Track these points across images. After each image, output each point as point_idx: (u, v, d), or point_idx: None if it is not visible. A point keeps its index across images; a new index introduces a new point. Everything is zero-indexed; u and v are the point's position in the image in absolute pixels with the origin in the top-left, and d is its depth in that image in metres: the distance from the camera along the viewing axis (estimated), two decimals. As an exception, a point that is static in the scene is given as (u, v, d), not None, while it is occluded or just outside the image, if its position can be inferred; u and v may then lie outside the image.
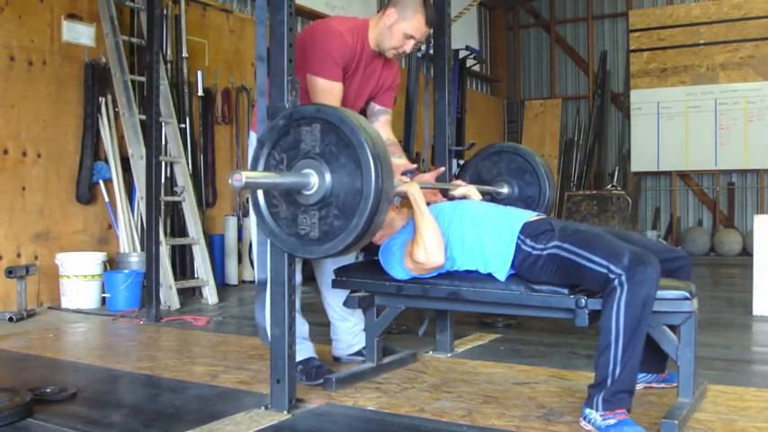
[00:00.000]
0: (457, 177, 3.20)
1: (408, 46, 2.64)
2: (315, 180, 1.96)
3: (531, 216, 2.38)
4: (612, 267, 1.99)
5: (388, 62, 2.77)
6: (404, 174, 2.63)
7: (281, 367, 2.20)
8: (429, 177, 2.81)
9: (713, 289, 5.84)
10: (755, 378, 2.80)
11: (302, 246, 2.04)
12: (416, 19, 2.58)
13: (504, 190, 3.10)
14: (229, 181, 1.81)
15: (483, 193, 2.91)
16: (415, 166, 2.80)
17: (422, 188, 2.46)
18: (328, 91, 2.50)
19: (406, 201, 2.42)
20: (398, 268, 2.42)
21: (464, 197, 2.81)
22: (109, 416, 2.25)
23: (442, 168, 2.97)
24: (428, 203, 2.46)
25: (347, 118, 1.93)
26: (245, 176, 1.82)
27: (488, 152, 3.20)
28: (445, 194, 2.90)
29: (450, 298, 2.43)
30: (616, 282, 1.97)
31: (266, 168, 2.06)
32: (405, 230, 2.47)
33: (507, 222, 2.33)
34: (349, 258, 2.73)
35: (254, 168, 2.07)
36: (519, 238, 2.26)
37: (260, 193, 2.09)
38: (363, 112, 2.82)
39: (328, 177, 1.95)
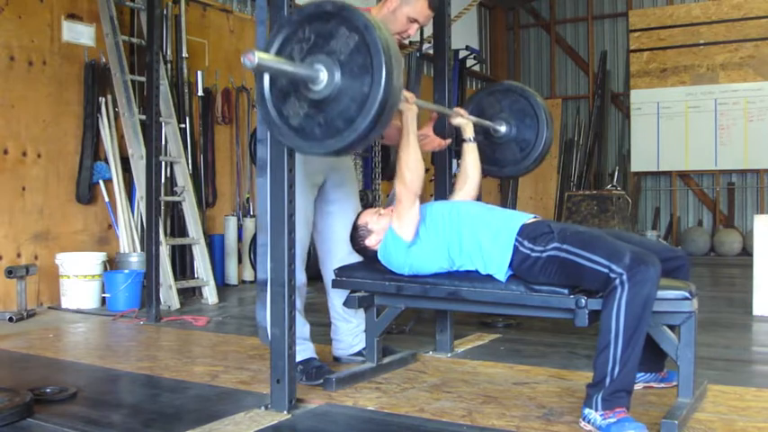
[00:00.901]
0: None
1: (413, 30, 2.64)
2: (324, 76, 1.92)
3: (529, 218, 2.38)
4: (614, 267, 1.99)
5: None
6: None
7: (281, 367, 2.20)
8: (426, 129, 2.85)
9: (713, 289, 5.84)
10: (755, 378, 2.80)
11: (302, 140, 2.01)
12: (419, 2, 2.58)
13: (503, 128, 3.07)
14: (243, 59, 1.77)
15: (481, 128, 2.90)
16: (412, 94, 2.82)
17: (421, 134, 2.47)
18: None
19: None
20: (390, 244, 2.41)
21: (459, 128, 2.84)
22: (109, 416, 2.25)
23: (435, 114, 2.99)
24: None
25: (361, 15, 1.90)
26: (257, 56, 1.78)
27: (495, 88, 3.17)
28: (438, 132, 2.91)
29: (450, 298, 2.43)
30: (617, 281, 1.97)
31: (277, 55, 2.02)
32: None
33: (505, 224, 2.33)
34: (355, 258, 2.73)
35: (267, 48, 2.03)
36: (517, 239, 2.26)
37: (266, 81, 2.06)
38: None
39: (338, 75, 1.92)
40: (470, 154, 2.81)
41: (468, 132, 2.83)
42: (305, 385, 2.49)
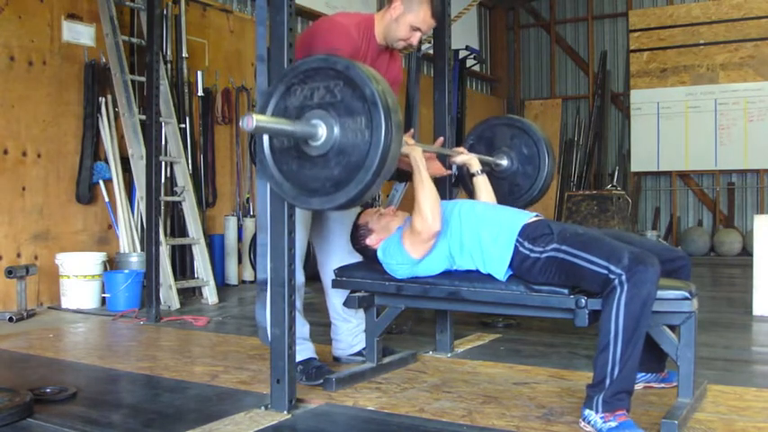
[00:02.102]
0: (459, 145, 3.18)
1: (415, 38, 2.64)
2: (323, 131, 1.93)
3: (530, 217, 2.38)
4: (612, 268, 1.99)
5: (392, 57, 2.78)
6: None
7: (281, 367, 2.20)
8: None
9: (713, 289, 5.84)
10: (755, 378, 2.80)
11: (303, 197, 2.01)
12: (422, 11, 2.59)
13: (504, 162, 3.08)
14: (240, 123, 1.80)
15: (482, 163, 2.91)
16: (411, 130, 2.82)
17: (424, 152, 2.47)
18: None
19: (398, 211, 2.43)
20: (397, 258, 2.41)
21: (464, 165, 2.83)
22: (109, 416, 2.25)
23: (441, 139, 3.00)
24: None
25: (359, 69, 1.90)
26: (255, 119, 1.79)
27: (494, 122, 3.18)
28: (443, 161, 2.92)
29: (450, 298, 2.43)
30: (616, 282, 1.97)
31: (280, 102, 2.03)
32: (400, 229, 2.48)
33: (506, 224, 2.34)
34: (356, 257, 2.73)
35: (268, 98, 2.04)
36: (517, 240, 2.26)
37: (266, 140, 2.07)
38: None
39: (336, 129, 1.92)
40: (483, 188, 2.79)
41: (476, 166, 2.82)
42: (305, 385, 2.49)
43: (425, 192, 2.34)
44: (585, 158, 9.86)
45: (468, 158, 2.83)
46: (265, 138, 2.06)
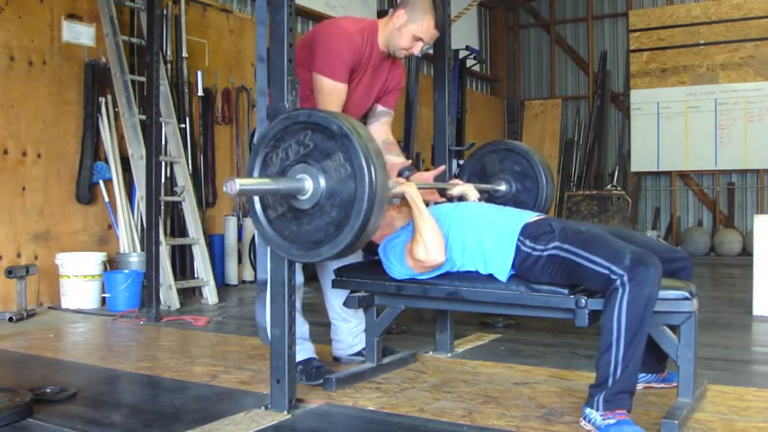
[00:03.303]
0: (456, 176, 3.20)
1: (417, 48, 2.64)
2: (309, 185, 1.95)
3: (532, 216, 2.37)
4: (614, 268, 1.99)
5: (394, 64, 2.78)
6: (400, 173, 2.64)
7: (281, 367, 2.20)
8: (428, 177, 2.82)
9: (713, 289, 5.84)
10: (755, 378, 2.80)
11: (298, 250, 2.03)
12: (426, 21, 2.58)
13: (502, 188, 3.10)
14: (224, 189, 1.83)
15: (481, 191, 2.91)
16: (410, 161, 2.81)
17: (420, 188, 2.47)
18: (332, 92, 2.50)
19: (405, 201, 2.42)
20: (398, 266, 2.42)
21: (462, 196, 2.82)
22: (109, 416, 2.25)
23: (443, 167, 2.98)
24: (427, 204, 2.46)
25: (339, 122, 1.92)
26: (238, 183, 1.82)
27: (487, 149, 3.20)
28: (443, 194, 2.90)
29: (450, 298, 2.43)
30: (618, 282, 1.97)
31: (262, 173, 2.06)
32: (405, 230, 2.48)
33: (507, 223, 2.33)
34: (355, 257, 2.73)
35: (250, 173, 2.07)
36: (519, 239, 2.26)
37: (260, 211, 2.09)
38: (366, 113, 2.83)
39: (323, 181, 1.95)
40: None
41: (473, 196, 2.81)
42: (305, 385, 2.49)
43: (426, 225, 2.33)
44: (585, 158, 9.86)
45: (464, 189, 2.83)
46: (259, 208, 2.08)
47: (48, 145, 4.61)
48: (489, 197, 3.07)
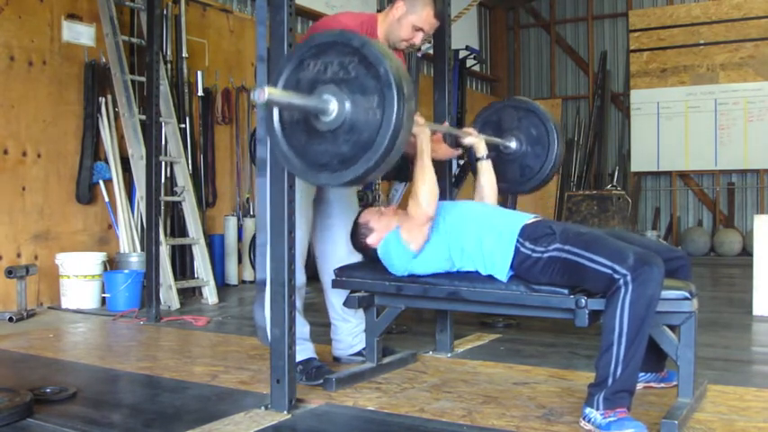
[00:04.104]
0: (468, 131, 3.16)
1: (418, 38, 2.65)
2: (334, 106, 1.91)
3: (530, 218, 2.38)
4: (617, 268, 1.99)
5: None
6: None
7: (281, 367, 2.20)
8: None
9: (713, 289, 5.84)
10: (755, 378, 2.80)
11: (312, 172, 2.00)
12: (425, 11, 2.59)
13: (513, 144, 3.06)
14: (252, 95, 1.78)
15: (491, 146, 2.90)
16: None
17: (432, 137, 2.47)
18: None
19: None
20: (395, 250, 2.41)
21: (471, 147, 2.82)
22: (109, 416, 2.25)
23: (446, 123, 2.99)
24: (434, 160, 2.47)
25: (375, 47, 1.89)
26: (267, 92, 1.77)
27: (504, 105, 3.16)
28: (451, 143, 2.93)
29: (450, 298, 2.43)
30: (621, 281, 1.97)
31: (292, 75, 2.00)
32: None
33: (506, 224, 2.34)
34: (355, 258, 2.73)
35: (281, 72, 2.02)
36: (518, 240, 2.26)
37: (275, 114, 2.06)
38: None
39: (348, 106, 1.91)
40: (486, 173, 2.79)
41: (482, 151, 2.81)
42: (305, 385, 2.49)
43: (425, 176, 2.34)
44: (585, 158, 9.86)
45: (475, 141, 2.82)
46: (275, 111, 2.05)
47: (48, 145, 4.61)
48: (498, 153, 3.03)
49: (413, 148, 2.46)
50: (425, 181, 2.34)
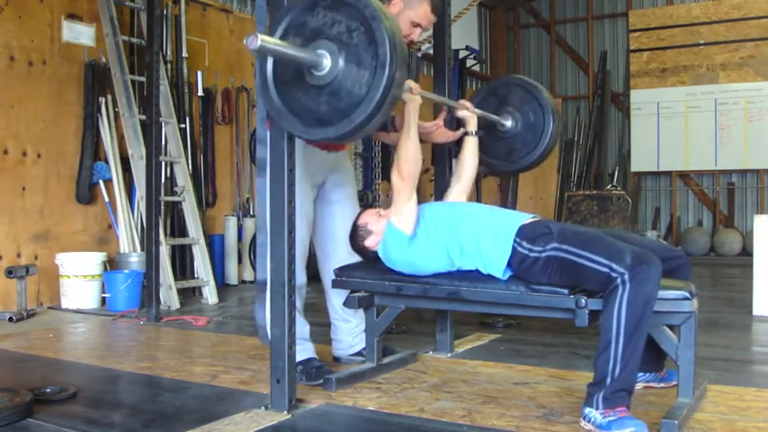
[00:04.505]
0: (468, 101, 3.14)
1: (416, 34, 2.65)
2: (327, 62, 1.93)
3: (528, 218, 2.38)
4: (615, 266, 1.99)
5: None
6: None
7: (281, 367, 2.20)
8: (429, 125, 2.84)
9: (713, 289, 5.84)
10: (755, 378, 2.80)
11: (303, 126, 2.01)
12: (422, 7, 2.59)
13: (509, 123, 3.06)
14: (245, 42, 1.77)
15: (487, 121, 2.89)
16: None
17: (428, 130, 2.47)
18: None
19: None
20: (390, 240, 2.41)
21: (462, 119, 2.83)
22: (109, 416, 2.25)
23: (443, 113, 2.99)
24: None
25: (369, 3, 1.90)
26: (260, 39, 1.77)
27: (503, 82, 3.18)
28: (450, 126, 2.92)
29: (450, 298, 2.42)
30: (618, 280, 1.97)
31: (291, 27, 2.01)
32: None
33: (503, 224, 2.33)
34: (357, 258, 2.73)
35: (279, 22, 2.04)
36: (515, 240, 2.26)
37: (269, 65, 2.06)
38: None
39: (341, 62, 1.92)
40: (470, 147, 2.80)
41: (471, 125, 2.82)
42: (305, 385, 2.49)
43: (407, 145, 2.35)
44: (585, 158, 9.86)
45: (468, 115, 2.82)
46: (269, 62, 2.05)
47: (48, 145, 4.61)
48: (494, 130, 3.03)
49: (400, 117, 2.46)
50: (408, 149, 2.35)
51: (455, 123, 2.98)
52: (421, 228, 2.42)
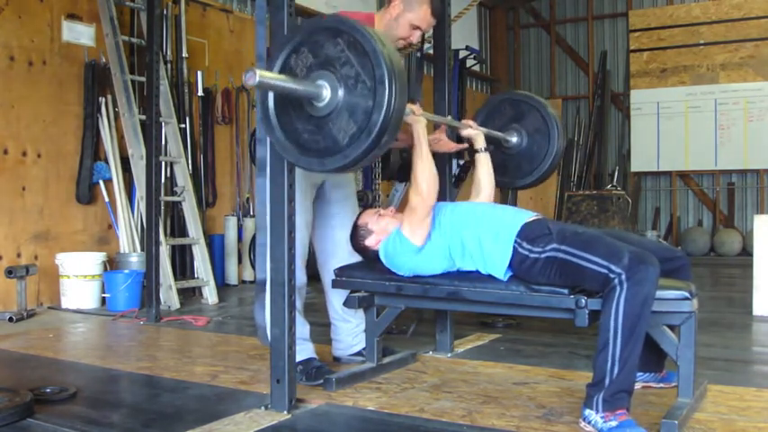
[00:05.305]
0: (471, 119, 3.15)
1: (415, 37, 2.64)
2: (327, 92, 1.93)
3: (530, 217, 2.38)
4: (613, 267, 2.00)
5: None
6: (411, 99, 2.62)
7: (281, 367, 2.20)
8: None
9: (713, 289, 5.84)
10: (755, 378, 2.80)
11: (304, 157, 2.01)
12: (422, 9, 2.59)
13: (514, 139, 3.06)
14: (243, 78, 1.77)
15: (492, 139, 2.90)
16: (418, 103, 2.80)
17: (431, 136, 2.48)
18: None
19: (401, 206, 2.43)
20: (398, 248, 2.41)
21: (469, 139, 2.82)
22: (109, 416, 2.25)
23: (449, 117, 2.99)
24: (434, 154, 2.49)
25: (373, 39, 1.90)
26: (259, 74, 1.77)
27: (506, 98, 3.16)
28: (450, 137, 2.93)
29: (450, 298, 2.42)
30: (616, 281, 1.97)
31: (282, 69, 2.02)
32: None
33: (505, 223, 2.34)
34: (356, 258, 2.73)
35: (270, 67, 2.04)
36: (516, 240, 2.26)
37: (270, 97, 2.07)
38: None
39: (341, 94, 1.92)
40: (483, 165, 2.79)
41: (480, 143, 2.81)
42: (305, 385, 2.49)
43: (423, 165, 2.35)
44: (585, 158, 9.86)
45: (474, 134, 2.82)
46: (271, 96, 2.05)
47: (48, 145, 4.61)
48: (499, 147, 3.03)
49: (409, 138, 2.46)
50: (425, 170, 2.35)
51: (456, 137, 2.98)
52: (433, 232, 2.42)
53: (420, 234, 2.38)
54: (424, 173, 2.35)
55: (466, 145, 2.97)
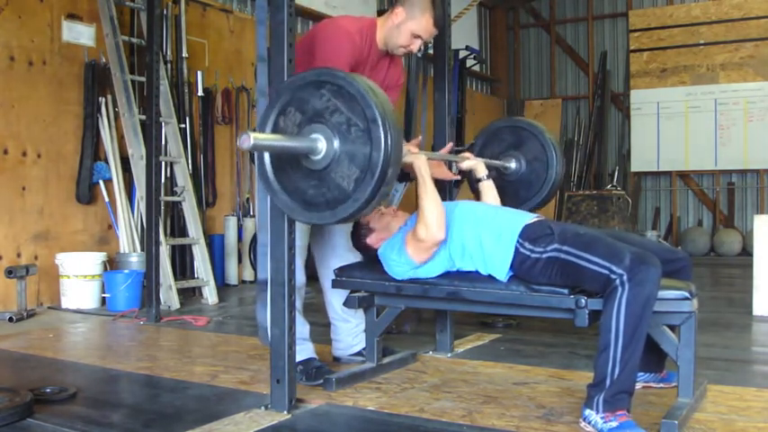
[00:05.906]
0: (467, 150, 3.17)
1: (415, 45, 2.65)
2: (322, 145, 1.93)
3: (531, 218, 2.38)
4: (614, 268, 2.00)
5: (393, 61, 2.79)
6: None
7: (281, 367, 2.20)
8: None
9: (713, 289, 5.84)
10: (755, 378, 2.80)
11: (309, 212, 2.01)
12: (424, 19, 2.59)
13: (512, 165, 3.07)
14: (238, 142, 1.79)
15: (490, 167, 2.91)
16: (418, 138, 2.81)
17: (429, 160, 2.47)
18: None
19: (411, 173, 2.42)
20: (397, 259, 2.41)
21: (471, 170, 2.83)
22: (109, 416, 2.25)
23: (450, 144, 3.00)
24: (436, 182, 2.48)
25: (357, 83, 1.90)
26: (253, 137, 1.78)
27: (500, 125, 3.17)
28: (451, 168, 2.93)
29: (450, 298, 2.43)
30: (617, 282, 1.97)
31: (274, 130, 2.03)
32: (403, 229, 2.49)
33: (507, 224, 2.34)
34: (356, 257, 2.74)
35: (261, 130, 2.05)
36: (518, 241, 2.26)
37: (267, 160, 2.07)
38: None
39: (336, 143, 1.93)
40: (489, 192, 2.80)
41: (481, 172, 2.82)
42: (305, 385, 2.49)
43: (430, 201, 2.34)
44: (585, 158, 9.86)
45: (473, 164, 2.83)
46: (267, 158, 2.07)
47: (48, 145, 4.61)
48: (498, 174, 3.04)
49: (411, 172, 2.47)
50: (432, 206, 2.33)
51: (457, 169, 2.99)
52: None
53: (423, 258, 2.39)
54: (432, 209, 2.33)
55: (459, 177, 3.01)
